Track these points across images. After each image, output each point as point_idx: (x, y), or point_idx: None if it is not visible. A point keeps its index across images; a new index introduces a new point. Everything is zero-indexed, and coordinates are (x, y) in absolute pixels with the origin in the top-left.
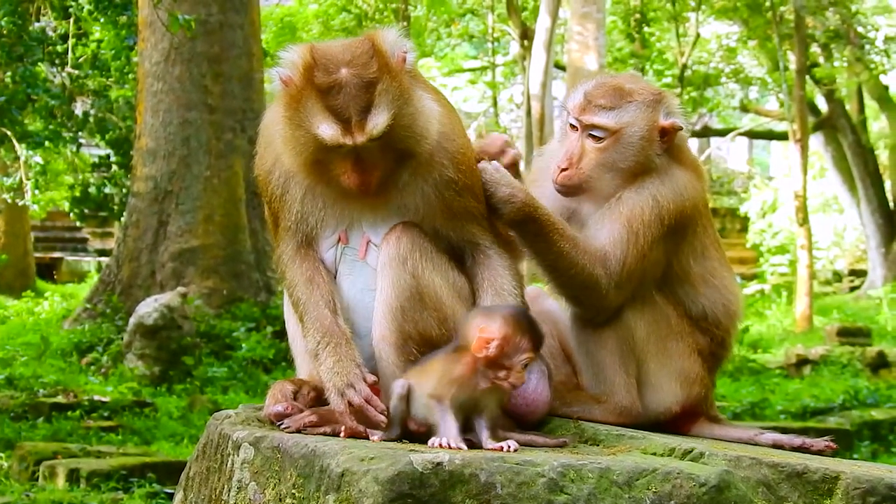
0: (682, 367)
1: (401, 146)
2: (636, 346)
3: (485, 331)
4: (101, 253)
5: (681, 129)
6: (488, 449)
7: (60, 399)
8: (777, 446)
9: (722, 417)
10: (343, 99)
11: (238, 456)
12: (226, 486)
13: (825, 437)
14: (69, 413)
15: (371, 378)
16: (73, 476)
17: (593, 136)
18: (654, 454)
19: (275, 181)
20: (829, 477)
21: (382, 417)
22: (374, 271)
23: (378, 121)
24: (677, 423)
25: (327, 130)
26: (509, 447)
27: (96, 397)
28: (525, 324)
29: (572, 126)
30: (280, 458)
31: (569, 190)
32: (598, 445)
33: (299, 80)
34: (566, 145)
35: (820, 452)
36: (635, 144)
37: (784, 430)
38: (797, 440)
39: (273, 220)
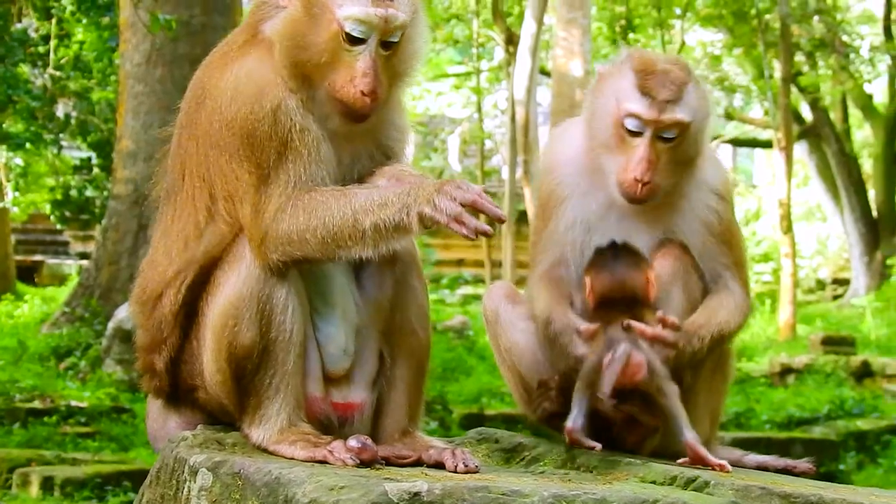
0: (719, 401)
1: (402, 67)
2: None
3: None
4: (83, 256)
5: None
6: None
7: (37, 404)
8: (762, 468)
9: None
10: None
11: (195, 483)
12: None
13: (806, 459)
14: (46, 419)
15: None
16: (47, 484)
17: (663, 139)
18: (654, 483)
19: (285, 111)
20: None
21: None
22: None
23: (403, 1)
24: None
25: (355, 4)
26: None
27: (73, 403)
28: None
29: (633, 133)
30: (241, 486)
31: (646, 201)
32: (591, 472)
33: None
34: (634, 154)
35: (803, 474)
36: (705, 130)
37: (770, 441)
38: (780, 462)
39: (261, 162)
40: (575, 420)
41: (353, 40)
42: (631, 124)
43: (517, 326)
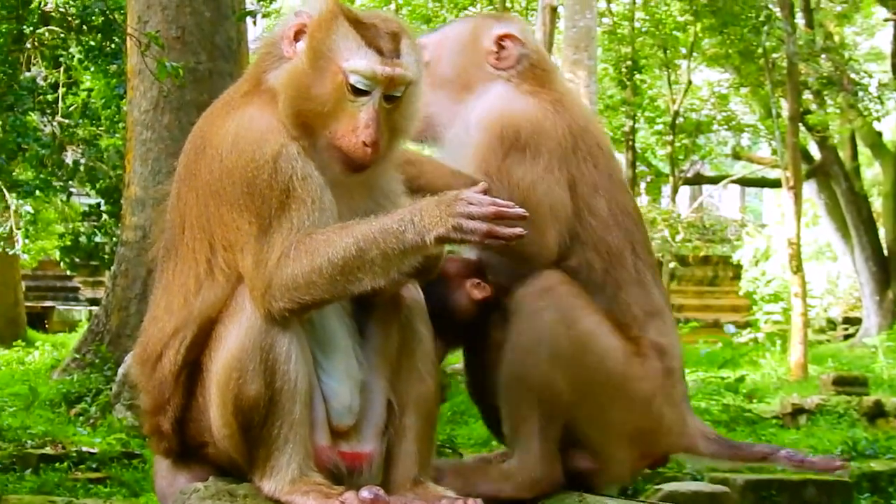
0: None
1: (402, 123)
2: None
3: None
4: (93, 302)
5: None
6: None
7: (48, 450)
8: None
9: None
10: (376, 33)
11: None
12: None
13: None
14: (57, 465)
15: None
16: None
17: None
18: None
19: (286, 158)
20: None
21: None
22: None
23: (409, 60)
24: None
25: (362, 59)
26: None
27: (84, 448)
28: None
29: None
30: None
31: None
32: None
33: (327, 15)
34: None
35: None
36: None
37: (782, 483)
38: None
39: (262, 212)
40: None
41: (358, 92)
42: None
43: None
